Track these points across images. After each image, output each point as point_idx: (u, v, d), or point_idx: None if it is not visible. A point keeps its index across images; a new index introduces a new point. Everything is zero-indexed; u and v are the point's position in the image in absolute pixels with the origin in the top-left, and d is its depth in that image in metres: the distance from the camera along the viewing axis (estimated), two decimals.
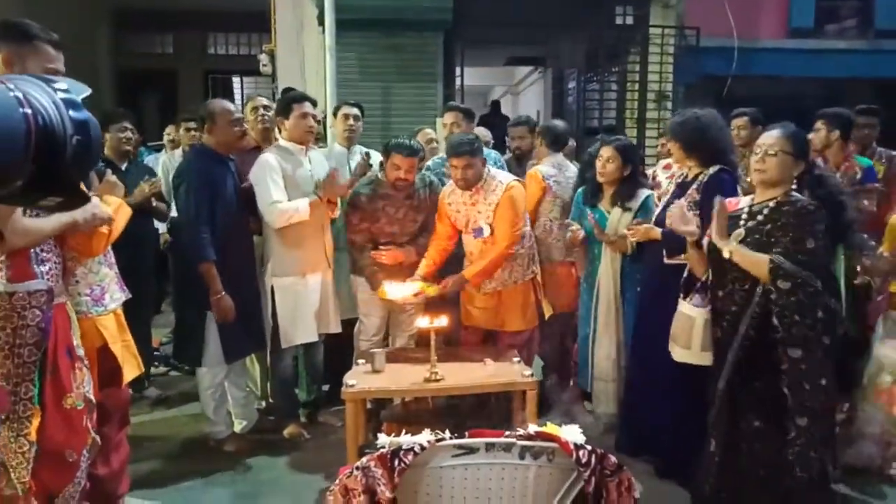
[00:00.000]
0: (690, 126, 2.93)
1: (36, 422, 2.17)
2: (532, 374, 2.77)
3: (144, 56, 10.70)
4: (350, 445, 2.66)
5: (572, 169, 3.86)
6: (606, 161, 3.34)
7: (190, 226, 3.13)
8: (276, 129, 3.57)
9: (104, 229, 2.44)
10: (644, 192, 3.43)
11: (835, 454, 2.45)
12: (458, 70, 7.50)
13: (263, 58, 6.58)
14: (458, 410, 3.48)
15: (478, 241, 3.33)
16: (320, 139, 5.73)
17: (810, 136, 3.89)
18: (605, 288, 3.41)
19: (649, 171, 4.58)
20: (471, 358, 3.06)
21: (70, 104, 0.52)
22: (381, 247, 3.44)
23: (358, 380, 2.77)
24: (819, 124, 3.87)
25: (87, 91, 0.55)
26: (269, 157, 3.27)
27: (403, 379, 2.82)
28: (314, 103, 3.49)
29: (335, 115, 3.97)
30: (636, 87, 7.67)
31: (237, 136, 3.28)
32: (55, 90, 0.52)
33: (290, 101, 3.41)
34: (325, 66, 5.94)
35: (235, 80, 10.94)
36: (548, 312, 3.59)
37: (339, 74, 5.89)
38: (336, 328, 3.55)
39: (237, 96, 10.79)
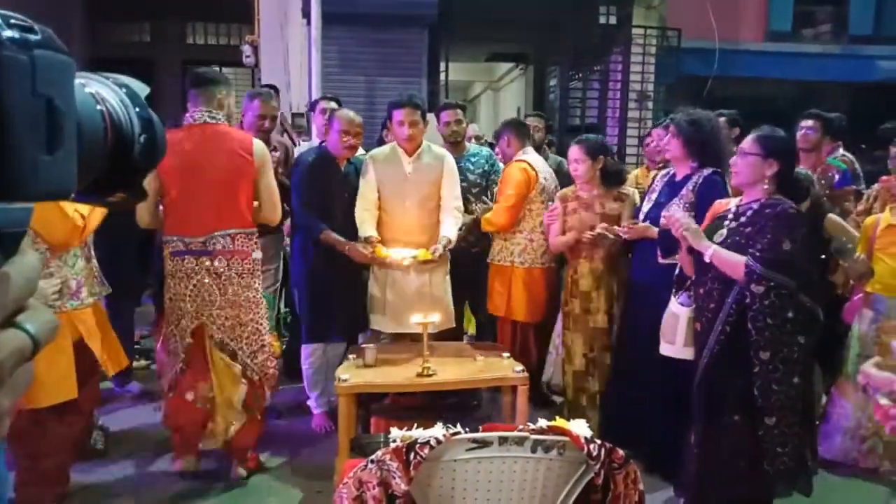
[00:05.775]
0: (703, 128, 2.96)
1: None
2: (523, 370, 2.80)
3: (120, 45, 10.44)
4: (342, 439, 2.66)
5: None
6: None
7: (298, 211, 3.36)
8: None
9: (79, 222, 2.36)
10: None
11: (814, 448, 2.52)
12: (442, 65, 7.51)
13: (247, 49, 6.49)
14: (447, 405, 3.50)
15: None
16: (303, 132, 5.70)
17: (801, 133, 3.87)
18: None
19: (634, 175, 4.63)
20: (463, 353, 3.09)
21: (134, 101, 0.52)
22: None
23: (350, 374, 2.77)
24: (815, 123, 3.85)
25: (147, 89, 0.56)
26: (366, 162, 3.41)
27: (396, 374, 2.84)
28: (417, 106, 3.31)
29: (313, 109, 3.97)
30: (618, 86, 7.77)
31: (344, 146, 3.31)
32: (119, 86, 0.52)
33: (389, 106, 3.40)
34: (309, 59, 5.92)
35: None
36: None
37: (323, 68, 5.87)
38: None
39: None
